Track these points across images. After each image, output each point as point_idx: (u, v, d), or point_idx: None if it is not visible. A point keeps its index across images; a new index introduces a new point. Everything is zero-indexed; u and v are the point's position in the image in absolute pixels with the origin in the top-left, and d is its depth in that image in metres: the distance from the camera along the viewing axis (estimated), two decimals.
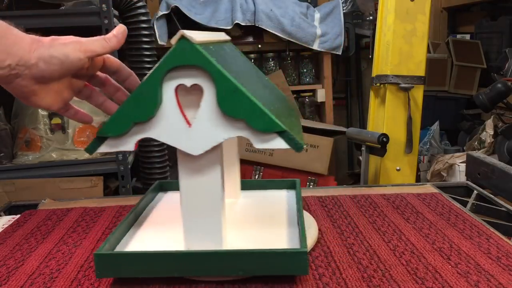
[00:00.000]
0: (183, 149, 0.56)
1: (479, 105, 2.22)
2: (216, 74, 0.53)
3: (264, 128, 0.54)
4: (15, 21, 0.56)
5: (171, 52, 0.54)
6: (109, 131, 0.56)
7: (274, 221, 0.72)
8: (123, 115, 0.55)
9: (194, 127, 0.55)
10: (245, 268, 0.57)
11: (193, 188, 0.59)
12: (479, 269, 0.59)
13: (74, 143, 1.75)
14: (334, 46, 2.48)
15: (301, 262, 0.56)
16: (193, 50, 0.53)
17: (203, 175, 0.58)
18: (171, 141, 0.56)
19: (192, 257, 0.57)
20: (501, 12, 2.82)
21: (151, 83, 0.54)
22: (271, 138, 0.55)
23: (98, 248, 0.58)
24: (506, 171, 0.92)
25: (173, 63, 0.54)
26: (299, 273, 0.58)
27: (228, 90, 0.54)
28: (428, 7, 1.76)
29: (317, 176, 2.25)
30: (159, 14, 2.27)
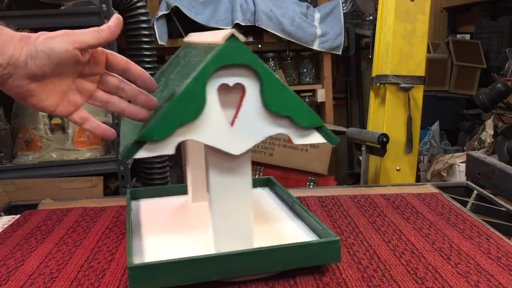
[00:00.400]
0: (225, 150, 0.55)
1: (479, 105, 2.22)
2: (263, 73, 0.54)
3: (308, 124, 0.56)
4: (15, 21, 0.56)
5: (220, 51, 0.52)
6: (154, 134, 0.52)
7: (274, 217, 0.72)
8: (169, 117, 0.52)
9: (235, 126, 0.55)
10: (283, 263, 0.58)
11: (225, 189, 0.58)
12: (479, 269, 0.59)
13: (74, 143, 1.75)
14: (334, 46, 2.48)
15: (336, 251, 0.59)
16: (242, 49, 0.53)
17: (236, 175, 0.58)
18: (212, 141, 0.55)
19: (233, 258, 0.56)
20: (501, 12, 2.82)
21: (198, 83, 0.53)
22: (310, 133, 0.57)
23: (127, 262, 0.54)
24: (506, 171, 0.92)
25: (222, 62, 0.53)
26: (334, 261, 0.60)
27: (275, 88, 0.54)
28: (428, 7, 1.76)
29: (317, 176, 2.25)
30: (159, 14, 2.27)
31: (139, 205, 0.79)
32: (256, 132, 0.56)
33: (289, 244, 0.58)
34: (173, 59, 0.77)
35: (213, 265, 0.56)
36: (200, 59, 0.55)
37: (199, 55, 0.58)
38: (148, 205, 0.80)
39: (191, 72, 0.55)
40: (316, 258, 0.59)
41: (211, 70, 0.52)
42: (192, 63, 0.59)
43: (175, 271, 0.55)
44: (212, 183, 0.58)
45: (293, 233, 0.67)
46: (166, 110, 0.52)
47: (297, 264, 0.59)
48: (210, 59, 0.52)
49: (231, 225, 0.59)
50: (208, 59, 0.52)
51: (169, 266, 0.55)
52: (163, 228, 0.70)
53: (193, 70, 0.55)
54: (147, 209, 0.78)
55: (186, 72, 0.58)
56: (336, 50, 2.49)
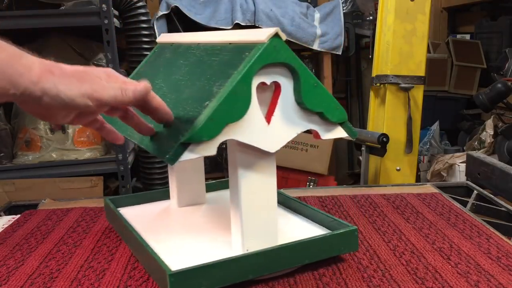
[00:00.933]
0: (262, 148, 0.55)
1: (479, 105, 2.22)
2: (302, 71, 0.55)
3: (337, 119, 0.58)
4: (15, 21, 0.55)
5: (265, 49, 0.52)
6: (203, 135, 0.51)
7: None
8: (216, 117, 0.51)
9: (271, 124, 0.55)
10: (309, 256, 0.60)
11: (255, 188, 0.58)
12: (479, 269, 0.59)
13: (74, 143, 1.75)
14: (334, 46, 2.48)
15: (354, 239, 0.62)
16: (284, 48, 0.53)
17: (264, 174, 0.58)
18: (251, 140, 0.55)
19: (266, 256, 0.57)
20: (501, 12, 2.82)
21: (245, 82, 0.52)
22: (336, 128, 0.59)
23: (166, 269, 0.53)
24: (506, 171, 0.92)
25: (266, 61, 0.53)
26: (352, 250, 0.63)
27: (311, 85, 0.56)
28: (428, 7, 1.76)
29: (317, 176, 2.26)
30: (159, 14, 2.27)
31: (124, 214, 0.74)
32: (290, 129, 0.57)
33: (314, 237, 0.60)
34: (155, 60, 0.76)
35: (249, 264, 0.56)
36: (233, 58, 0.55)
37: (228, 55, 0.57)
38: (134, 213, 0.76)
39: (226, 71, 0.54)
40: (337, 248, 0.62)
41: (255, 69, 0.53)
42: (218, 62, 0.58)
43: (214, 273, 0.54)
44: (241, 183, 0.57)
45: (301, 228, 0.68)
46: (213, 110, 0.51)
47: (322, 256, 0.61)
48: (256, 57, 0.52)
49: (259, 223, 0.59)
50: (253, 58, 0.52)
51: (208, 269, 0.54)
52: (164, 234, 0.68)
53: (230, 69, 0.54)
54: (135, 217, 0.73)
55: (214, 73, 0.57)
56: (336, 50, 2.49)
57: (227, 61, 0.56)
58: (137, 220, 0.71)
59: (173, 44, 0.74)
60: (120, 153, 1.74)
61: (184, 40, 0.72)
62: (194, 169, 0.76)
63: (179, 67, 0.67)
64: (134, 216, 0.73)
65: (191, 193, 0.77)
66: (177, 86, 0.63)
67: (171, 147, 0.52)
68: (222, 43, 0.61)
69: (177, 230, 0.70)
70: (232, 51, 0.57)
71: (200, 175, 0.77)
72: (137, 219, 0.72)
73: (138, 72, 0.78)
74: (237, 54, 0.55)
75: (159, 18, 2.27)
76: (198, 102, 0.55)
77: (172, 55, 0.72)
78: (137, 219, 0.72)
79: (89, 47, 1.84)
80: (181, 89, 0.61)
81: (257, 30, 0.55)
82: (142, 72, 0.77)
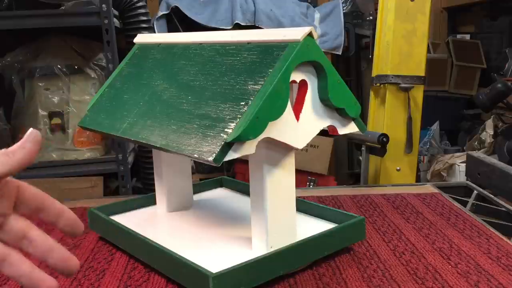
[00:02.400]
0: (292, 144, 0.57)
1: (479, 105, 2.22)
2: (328, 68, 0.57)
3: (355, 114, 0.61)
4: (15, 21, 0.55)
5: (300, 48, 0.54)
6: (250, 134, 0.51)
7: None
8: (261, 116, 0.51)
9: (300, 121, 0.57)
10: (328, 247, 0.63)
11: (279, 186, 0.59)
12: (479, 269, 0.59)
13: (74, 143, 1.75)
14: (334, 46, 2.48)
15: (362, 229, 0.66)
16: (316, 47, 0.55)
17: (286, 171, 0.59)
18: (284, 138, 0.56)
19: (294, 251, 0.59)
20: (501, 12, 2.82)
21: (284, 80, 0.53)
22: (350, 123, 0.62)
23: (207, 273, 0.52)
24: (506, 171, 0.92)
25: (301, 59, 0.55)
26: (361, 239, 0.67)
27: (335, 82, 0.58)
28: (428, 7, 1.76)
29: (317, 176, 2.25)
30: (159, 14, 2.27)
31: (119, 222, 0.70)
32: (314, 125, 0.59)
33: (330, 229, 0.63)
34: (141, 61, 0.73)
35: (280, 260, 0.57)
36: (263, 57, 0.56)
37: (253, 54, 0.58)
38: (127, 220, 0.71)
39: (259, 70, 0.55)
40: (349, 239, 0.65)
41: (292, 68, 0.54)
42: (242, 62, 0.58)
43: (251, 272, 0.55)
44: (267, 181, 0.58)
45: (310, 223, 0.70)
46: (258, 108, 0.51)
47: (337, 247, 0.64)
48: (293, 56, 0.54)
49: (282, 221, 0.60)
50: (290, 56, 0.54)
51: (246, 269, 0.54)
52: (170, 241, 0.65)
53: (263, 68, 0.55)
54: (133, 224, 0.69)
55: (240, 72, 0.57)
56: (336, 50, 2.49)
57: (255, 60, 0.57)
58: (136, 227, 0.67)
59: (160, 44, 0.73)
60: (120, 153, 1.74)
61: (170, 40, 0.72)
62: (182, 173, 0.76)
63: (182, 67, 0.66)
64: (131, 223, 0.69)
65: (180, 197, 0.77)
66: (191, 87, 0.62)
67: (215, 147, 0.51)
68: (237, 43, 0.61)
69: (182, 234, 0.69)
70: (256, 50, 0.58)
71: (189, 178, 0.78)
72: (135, 226, 0.67)
73: (121, 73, 0.76)
74: (266, 53, 0.56)
75: (159, 18, 2.27)
76: (232, 101, 0.55)
77: (164, 55, 0.71)
78: (135, 226, 0.67)
79: (89, 47, 1.84)
80: (196, 89, 0.61)
81: (278, 30, 0.57)
82: (127, 74, 0.75)
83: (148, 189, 1.99)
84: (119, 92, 0.72)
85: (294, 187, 0.61)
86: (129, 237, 0.65)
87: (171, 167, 0.74)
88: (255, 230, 0.61)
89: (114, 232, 0.69)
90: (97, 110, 0.73)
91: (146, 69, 0.72)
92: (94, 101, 0.75)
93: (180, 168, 0.75)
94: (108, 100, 0.73)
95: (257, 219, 0.60)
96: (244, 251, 0.62)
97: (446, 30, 3.20)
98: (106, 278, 0.61)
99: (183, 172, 0.76)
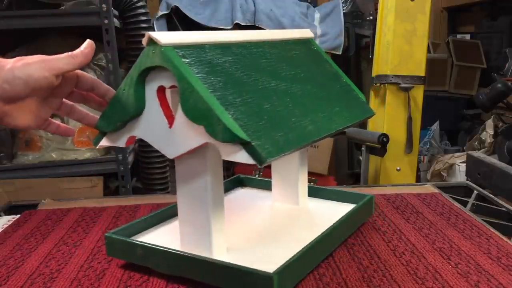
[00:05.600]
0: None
1: (479, 105, 2.22)
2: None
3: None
4: (15, 21, 0.56)
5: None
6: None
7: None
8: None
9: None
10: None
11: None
12: (479, 269, 0.59)
13: (74, 143, 1.75)
14: (334, 46, 2.48)
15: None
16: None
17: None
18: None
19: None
20: (501, 12, 2.82)
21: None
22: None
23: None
24: (506, 171, 0.92)
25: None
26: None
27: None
28: (428, 7, 1.76)
29: (317, 176, 2.26)
30: (159, 14, 2.27)
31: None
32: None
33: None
34: (207, 65, 0.55)
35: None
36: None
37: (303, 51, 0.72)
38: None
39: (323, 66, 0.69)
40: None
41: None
42: (301, 57, 0.70)
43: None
44: None
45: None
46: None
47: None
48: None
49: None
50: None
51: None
52: None
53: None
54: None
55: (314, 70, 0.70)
56: (336, 50, 2.49)
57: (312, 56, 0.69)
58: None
59: (206, 45, 0.58)
60: (120, 153, 1.74)
61: (212, 40, 0.60)
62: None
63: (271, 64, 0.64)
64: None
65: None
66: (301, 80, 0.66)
67: None
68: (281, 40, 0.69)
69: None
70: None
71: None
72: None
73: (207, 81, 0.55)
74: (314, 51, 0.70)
75: (159, 18, 2.27)
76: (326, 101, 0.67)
77: (232, 56, 0.60)
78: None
79: None
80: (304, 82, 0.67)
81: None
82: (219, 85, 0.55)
83: (148, 189, 1.99)
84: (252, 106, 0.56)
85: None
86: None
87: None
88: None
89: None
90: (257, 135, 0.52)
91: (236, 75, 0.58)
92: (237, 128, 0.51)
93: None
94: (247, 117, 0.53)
95: None
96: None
97: (446, 30, 3.20)
98: (106, 278, 0.61)
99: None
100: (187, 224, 0.60)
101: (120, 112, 0.58)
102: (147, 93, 0.56)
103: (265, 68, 0.63)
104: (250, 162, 0.49)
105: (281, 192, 0.77)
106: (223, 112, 0.50)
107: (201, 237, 0.59)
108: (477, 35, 2.96)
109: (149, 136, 0.57)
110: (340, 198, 0.78)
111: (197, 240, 0.59)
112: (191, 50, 0.55)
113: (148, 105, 0.56)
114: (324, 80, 0.71)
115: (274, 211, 0.76)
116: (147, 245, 0.60)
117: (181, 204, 0.60)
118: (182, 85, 0.52)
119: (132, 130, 0.58)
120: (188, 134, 0.54)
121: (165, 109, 0.56)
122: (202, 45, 0.57)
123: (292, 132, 0.56)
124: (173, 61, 0.52)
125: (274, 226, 0.70)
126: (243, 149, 0.49)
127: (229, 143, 0.50)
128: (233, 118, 0.50)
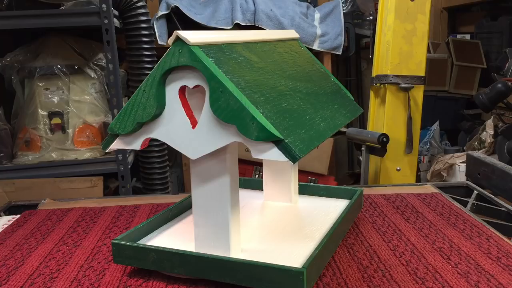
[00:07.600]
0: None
1: (479, 105, 2.22)
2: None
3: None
4: (15, 21, 0.55)
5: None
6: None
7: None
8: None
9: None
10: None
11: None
12: (479, 269, 0.59)
13: (74, 143, 1.75)
14: (334, 46, 2.48)
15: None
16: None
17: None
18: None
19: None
20: (501, 12, 2.82)
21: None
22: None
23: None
24: (506, 171, 0.92)
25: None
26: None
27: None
28: (428, 7, 1.76)
29: (317, 176, 2.25)
30: (159, 14, 2.27)
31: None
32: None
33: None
34: (244, 64, 0.58)
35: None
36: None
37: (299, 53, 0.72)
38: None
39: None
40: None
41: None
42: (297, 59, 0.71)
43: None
44: None
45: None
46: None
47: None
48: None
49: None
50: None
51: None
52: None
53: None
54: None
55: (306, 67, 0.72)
56: (336, 50, 2.49)
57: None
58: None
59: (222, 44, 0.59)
60: (120, 153, 1.74)
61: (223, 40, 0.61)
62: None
63: (273, 65, 0.65)
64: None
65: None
66: (302, 79, 0.67)
67: None
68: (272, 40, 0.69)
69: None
70: None
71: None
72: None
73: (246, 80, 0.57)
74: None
75: (159, 18, 2.27)
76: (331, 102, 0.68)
77: (243, 56, 0.61)
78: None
79: (89, 47, 1.84)
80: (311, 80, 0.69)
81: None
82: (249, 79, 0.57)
83: (148, 189, 1.99)
84: (276, 104, 0.57)
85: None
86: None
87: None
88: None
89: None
90: (286, 133, 0.53)
91: (254, 74, 0.59)
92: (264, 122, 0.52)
93: None
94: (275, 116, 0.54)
95: None
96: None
97: (446, 30, 3.20)
98: (106, 278, 0.61)
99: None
100: (204, 225, 0.59)
101: (139, 113, 0.55)
102: (168, 93, 0.55)
103: (274, 68, 0.63)
104: (281, 159, 0.50)
105: (273, 191, 0.77)
106: (256, 110, 0.50)
107: (219, 237, 0.58)
108: (477, 35, 2.96)
109: (169, 137, 0.55)
110: (329, 194, 0.80)
111: (214, 241, 0.59)
112: (213, 49, 0.55)
113: (168, 106, 0.55)
114: (318, 79, 0.72)
115: (268, 209, 0.76)
116: (162, 249, 0.58)
117: (197, 205, 0.59)
118: (213, 85, 0.51)
119: (149, 132, 0.56)
120: (214, 134, 0.53)
121: (187, 110, 0.55)
122: (219, 45, 0.57)
123: (311, 130, 0.57)
124: (203, 61, 0.52)
125: (273, 224, 0.70)
126: (275, 147, 0.50)
127: (261, 142, 0.50)
128: (265, 117, 0.51)
